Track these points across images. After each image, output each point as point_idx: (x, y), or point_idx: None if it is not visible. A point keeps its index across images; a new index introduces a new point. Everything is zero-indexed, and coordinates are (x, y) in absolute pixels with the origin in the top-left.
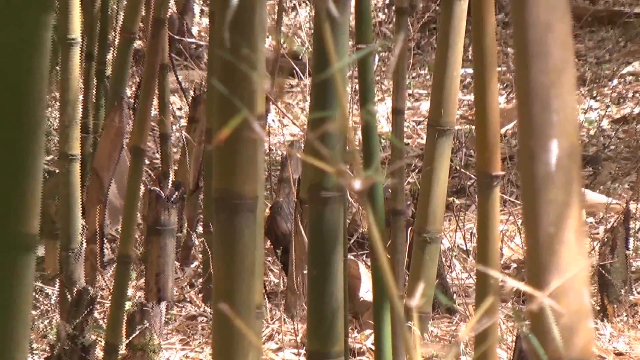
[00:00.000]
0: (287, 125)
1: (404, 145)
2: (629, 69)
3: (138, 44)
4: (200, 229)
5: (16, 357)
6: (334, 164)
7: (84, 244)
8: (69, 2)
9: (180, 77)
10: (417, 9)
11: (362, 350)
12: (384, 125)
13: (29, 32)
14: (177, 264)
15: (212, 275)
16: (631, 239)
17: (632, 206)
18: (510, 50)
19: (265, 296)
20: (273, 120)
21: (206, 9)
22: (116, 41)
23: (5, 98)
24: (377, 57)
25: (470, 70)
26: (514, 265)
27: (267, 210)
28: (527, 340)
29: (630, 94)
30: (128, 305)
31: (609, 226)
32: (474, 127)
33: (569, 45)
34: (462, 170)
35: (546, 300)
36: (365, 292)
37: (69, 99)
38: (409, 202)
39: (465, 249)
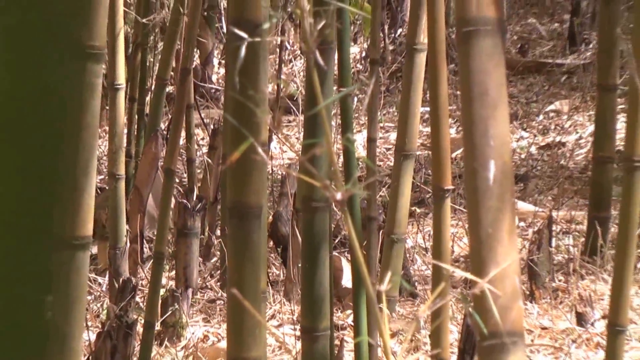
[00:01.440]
0: (285, 151)
1: (376, 166)
2: (552, 107)
3: (170, 88)
4: (218, 232)
5: (75, 332)
6: (321, 181)
7: (128, 244)
8: (116, 56)
9: (202, 114)
10: (386, 60)
11: (344, 325)
12: (360, 151)
13: (84, 79)
14: (200, 259)
15: (227, 268)
16: (553, 239)
17: (554, 213)
18: (458, 92)
19: (269, 284)
20: (275, 147)
21: (222, 61)
22: (152, 86)
23: (66, 131)
24: (355, 98)
25: (428, 108)
26: (462, 259)
27: (270, 217)
28: (472, 317)
29: (552, 127)
30: (162, 291)
31: (536, 229)
32: (430, 152)
33: (503, 86)
34: (422, 185)
35: (486, 285)
36: (346, 280)
37: (116, 131)
38: (380, 211)
39: (424, 247)
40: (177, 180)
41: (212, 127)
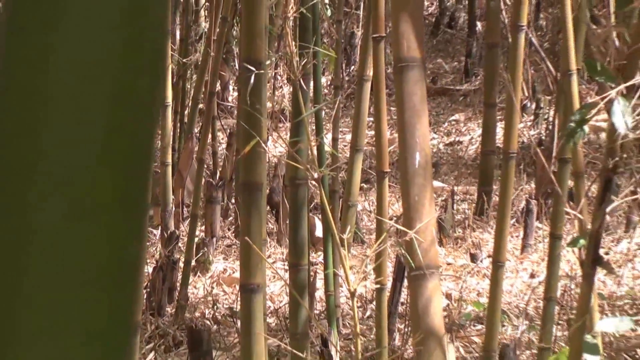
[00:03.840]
0: (277, 147)
1: (338, 156)
2: (453, 117)
3: (200, 105)
4: (233, 200)
5: (139, 267)
6: (303, 166)
7: (173, 208)
8: (165, 84)
9: (222, 122)
10: (344, 87)
11: (316, 262)
12: (328, 146)
13: (150, 100)
14: (221, 218)
15: (239, 224)
16: (455, 205)
17: (455, 188)
18: (393, 108)
19: (267, 234)
20: (271, 143)
21: (235, 87)
22: (189, 104)
23: (141, 135)
24: (324, 112)
25: (372, 118)
26: (395, 218)
27: (268, 190)
28: (404, 256)
29: (453, 131)
30: (196, 239)
31: (443, 198)
32: (374, 147)
33: (424, 103)
34: (368, 170)
35: (413, 235)
36: (318, 232)
37: (166, 133)
38: (340, 186)
39: (369, 210)
40: (205, 166)
41: (229, 131)
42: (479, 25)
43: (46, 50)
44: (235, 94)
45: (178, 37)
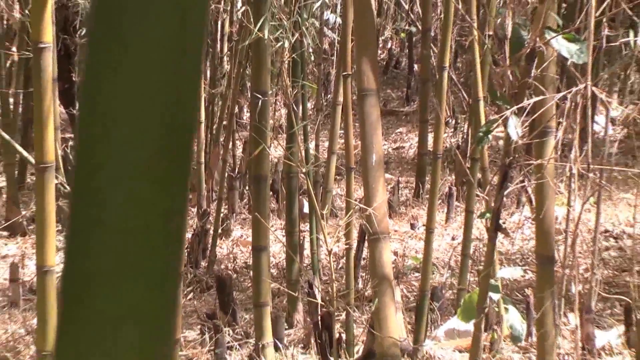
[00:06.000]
0: (277, 150)
1: (319, 157)
2: (398, 130)
3: (224, 122)
4: (247, 188)
5: (183, 234)
6: (294, 163)
7: (205, 193)
8: (199, 107)
9: (239, 134)
10: (323, 109)
11: (305, 230)
12: (312, 150)
13: (192, 122)
14: (239, 200)
15: (251, 203)
16: (400, 190)
17: (400, 179)
18: (357, 124)
19: (270, 211)
20: (273, 148)
21: (248, 109)
22: (217, 120)
23: (184, 145)
24: (309, 126)
25: (342, 131)
26: (359, 199)
27: (271, 180)
28: (364, 225)
29: (398, 139)
30: (222, 215)
31: (392, 186)
32: (344, 151)
33: (379, 120)
34: (340, 166)
35: (371, 211)
36: (305, 209)
37: (200, 141)
38: (321, 178)
39: (341, 194)
40: (227, 164)
41: (244, 140)
42: (415, 66)
43: (117, 66)
44: (248, 114)
45: (208, 75)
